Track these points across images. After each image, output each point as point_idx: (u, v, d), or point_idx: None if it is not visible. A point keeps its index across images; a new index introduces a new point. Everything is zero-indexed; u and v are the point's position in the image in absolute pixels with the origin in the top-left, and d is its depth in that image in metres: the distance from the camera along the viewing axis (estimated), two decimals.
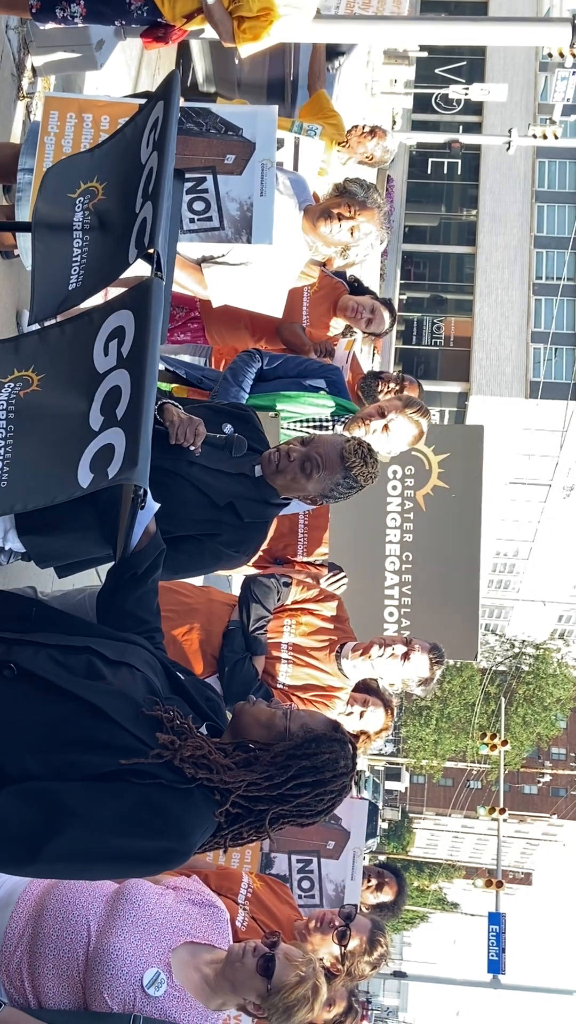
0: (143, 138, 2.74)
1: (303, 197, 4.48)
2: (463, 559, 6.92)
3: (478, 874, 46.45)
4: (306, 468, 3.46)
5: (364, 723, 4.42)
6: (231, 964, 2.59)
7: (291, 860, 4.24)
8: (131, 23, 4.57)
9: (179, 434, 3.14)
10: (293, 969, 2.58)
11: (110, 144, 2.87)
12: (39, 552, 2.89)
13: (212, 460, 3.31)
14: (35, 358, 2.40)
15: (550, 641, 46.78)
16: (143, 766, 2.22)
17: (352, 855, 4.27)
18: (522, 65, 41.46)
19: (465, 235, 43.59)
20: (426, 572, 6.84)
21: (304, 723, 2.43)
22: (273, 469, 3.47)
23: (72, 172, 2.85)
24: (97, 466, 2.20)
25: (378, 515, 6.79)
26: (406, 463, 6.74)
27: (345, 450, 3.53)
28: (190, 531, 3.25)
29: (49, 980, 2.50)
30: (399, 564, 6.78)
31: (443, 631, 6.71)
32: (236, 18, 4.42)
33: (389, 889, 4.64)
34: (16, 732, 2.21)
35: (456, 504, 6.88)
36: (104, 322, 2.37)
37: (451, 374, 40.72)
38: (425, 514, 6.83)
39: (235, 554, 3.43)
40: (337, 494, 3.59)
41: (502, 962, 22.50)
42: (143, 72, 7.26)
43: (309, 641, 4.25)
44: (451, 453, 6.84)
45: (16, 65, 5.19)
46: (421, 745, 44.91)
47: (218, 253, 4.10)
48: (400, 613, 6.79)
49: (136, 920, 2.57)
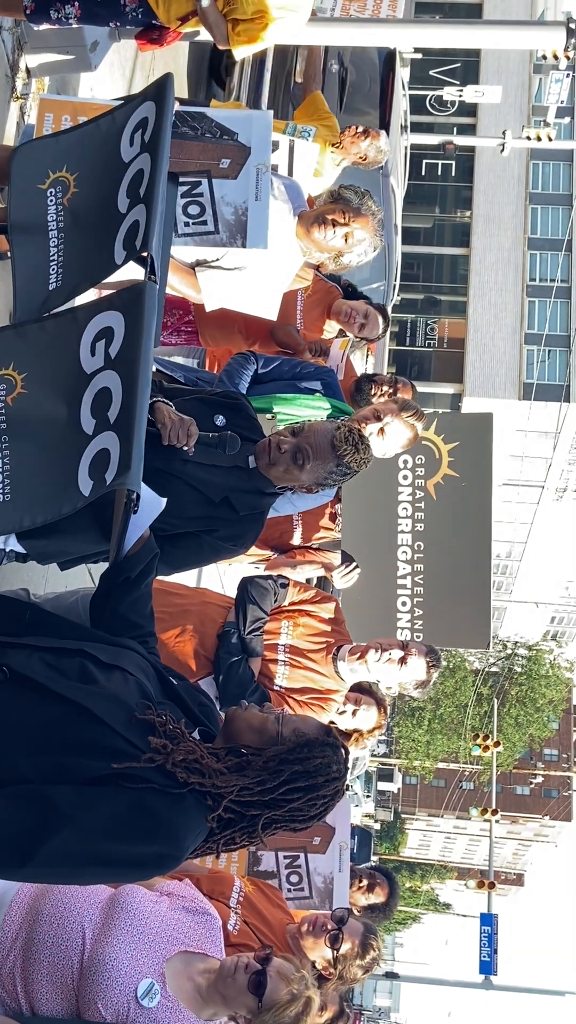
0: (124, 135, 2.70)
1: (298, 202, 4.48)
2: (474, 547, 6.92)
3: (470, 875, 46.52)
4: (298, 459, 3.45)
5: (357, 722, 4.46)
6: (223, 979, 2.58)
7: (278, 857, 4.25)
8: (126, 24, 4.57)
9: (171, 435, 3.14)
10: (285, 987, 2.56)
11: (79, 133, 2.80)
12: (40, 553, 2.90)
13: (206, 456, 3.30)
14: (14, 355, 2.36)
15: (542, 642, 46.83)
16: (135, 770, 2.21)
17: (338, 849, 4.28)
18: (516, 67, 41.51)
19: (459, 236, 43.61)
20: (438, 561, 6.83)
21: (296, 728, 2.43)
22: (266, 461, 3.47)
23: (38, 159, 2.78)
24: (95, 472, 2.19)
25: (389, 505, 6.79)
26: (416, 453, 6.74)
27: (336, 438, 3.52)
28: (187, 528, 3.25)
29: (43, 986, 2.49)
30: (411, 553, 6.78)
31: (455, 619, 6.73)
32: (230, 21, 4.42)
33: (380, 891, 4.65)
34: (8, 735, 2.21)
35: (467, 493, 6.88)
36: (90, 322, 2.35)
37: (444, 375, 40.74)
38: (436, 503, 6.83)
39: (233, 547, 3.44)
40: (331, 482, 3.58)
41: (494, 963, 22.55)
42: (137, 74, 7.25)
43: (306, 643, 4.26)
44: (460, 442, 6.85)
45: (10, 66, 5.18)
46: (413, 746, 44.91)
47: (212, 257, 4.10)
48: (413, 603, 6.79)
49: (131, 930, 2.56)
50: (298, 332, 5.16)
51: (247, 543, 3.51)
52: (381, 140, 5.81)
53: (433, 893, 61.36)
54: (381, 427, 4.49)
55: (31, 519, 2.26)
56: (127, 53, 6.82)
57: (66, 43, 5.05)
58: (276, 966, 2.59)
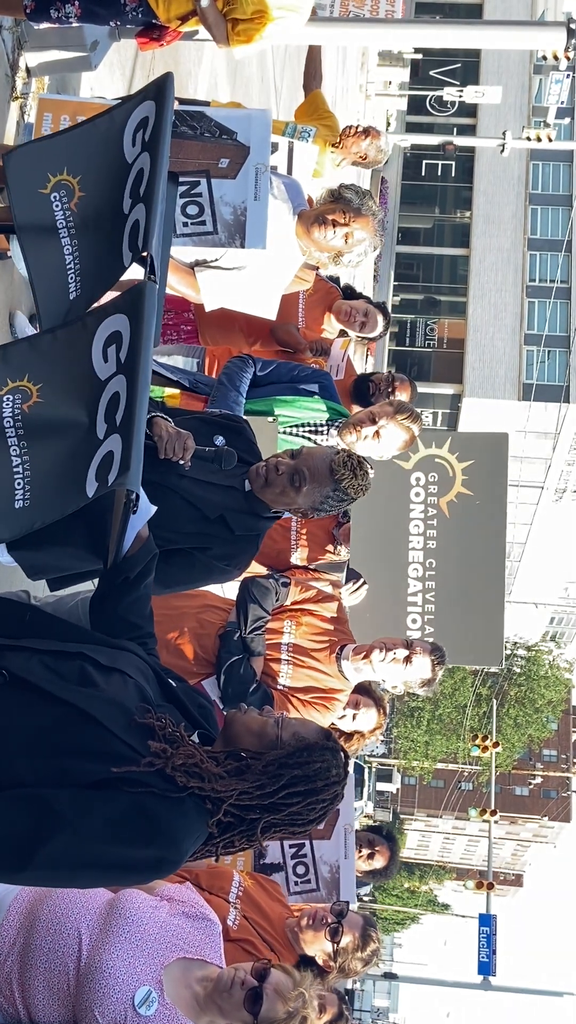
0: (126, 135, 2.68)
1: (298, 201, 4.47)
2: (488, 566, 6.92)
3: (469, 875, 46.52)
4: (295, 481, 3.43)
5: (357, 724, 4.47)
6: (219, 992, 2.56)
7: (283, 847, 4.24)
8: (126, 24, 4.56)
9: (167, 448, 3.13)
10: (282, 1005, 2.53)
11: (76, 134, 2.76)
12: (30, 566, 2.86)
13: (202, 472, 3.29)
14: (28, 367, 2.37)
15: (542, 643, 46.86)
16: (135, 774, 2.21)
17: (343, 832, 4.28)
18: (516, 68, 41.56)
19: (459, 237, 43.66)
20: (450, 579, 6.83)
21: (296, 732, 2.42)
22: (262, 483, 3.44)
23: (35, 163, 2.74)
24: (100, 474, 2.20)
25: (401, 522, 6.79)
26: (429, 470, 6.75)
27: (334, 463, 3.51)
28: (181, 544, 3.22)
29: (40, 993, 2.48)
30: (422, 571, 6.78)
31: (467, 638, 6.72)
32: (230, 20, 4.41)
33: (381, 856, 4.68)
34: (7, 738, 2.20)
35: (480, 511, 6.89)
36: (99, 327, 2.35)
37: (444, 376, 40.78)
38: (449, 521, 6.83)
39: (226, 567, 3.40)
40: (328, 507, 3.55)
41: (493, 963, 22.53)
42: (137, 73, 7.24)
43: (310, 642, 4.25)
44: (475, 460, 6.86)
45: (10, 65, 5.17)
46: (412, 746, 44.94)
47: (211, 257, 4.09)
48: (424, 620, 6.79)
49: (129, 936, 2.54)
50: (299, 331, 5.15)
51: (241, 564, 3.47)
52: (381, 140, 5.81)
53: (432, 894, 61.37)
54: (376, 430, 4.48)
55: (41, 520, 2.28)
56: (127, 52, 6.81)
57: (66, 42, 5.04)
58: (273, 982, 2.56)
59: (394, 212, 37.98)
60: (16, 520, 2.29)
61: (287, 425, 4.48)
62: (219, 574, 3.43)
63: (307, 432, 4.52)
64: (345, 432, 4.50)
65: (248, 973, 2.57)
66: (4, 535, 2.30)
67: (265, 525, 3.54)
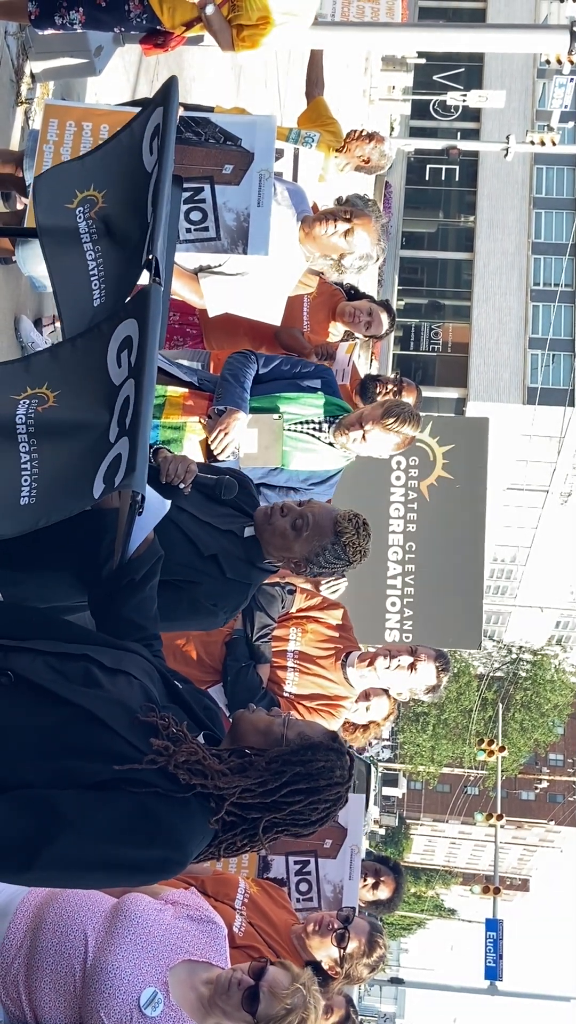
0: (144, 145, 2.73)
1: (301, 208, 4.48)
2: (467, 550, 6.92)
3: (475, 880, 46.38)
4: (297, 524, 3.42)
5: (371, 714, 4.56)
6: (219, 994, 2.57)
7: (288, 862, 4.24)
8: (130, 30, 4.58)
9: (170, 470, 3.13)
10: (279, 1001, 2.54)
11: (104, 151, 2.84)
12: (11, 593, 2.80)
13: (202, 511, 3.30)
14: (48, 375, 2.40)
15: (547, 647, 46.77)
16: (139, 774, 2.21)
17: (350, 853, 4.27)
18: (520, 72, 41.57)
19: (463, 241, 43.65)
20: (429, 562, 6.83)
21: (301, 731, 2.43)
22: (266, 520, 3.44)
23: (64, 181, 2.81)
24: (108, 476, 2.22)
25: (381, 505, 6.78)
26: (410, 454, 6.73)
27: (340, 516, 3.50)
28: (170, 575, 3.19)
29: (46, 995, 2.49)
30: (402, 554, 6.77)
31: (445, 620, 6.72)
32: (235, 26, 4.43)
33: (386, 887, 4.66)
34: (11, 739, 2.20)
35: (460, 495, 6.87)
36: (113, 333, 2.38)
37: (449, 380, 40.75)
38: (429, 504, 6.82)
39: (213, 608, 3.34)
40: (323, 560, 3.48)
41: (499, 969, 22.46)
42: (141, 78, 7.27)
43: (315, 649, 4.27)
44: (456, 444, 6.84)
45: (15, 71, 5.20)
46: (418, 751, 44.86)
47: (215, 263, 4.10)
48: (403, 603, 6.79)
49: (135, 938, 2.55)
50: (303, 335, 5.16)
51: (228, 609, 3.42)
52: (384, 145, 5.82)
53: (438, 899, 61.26)
54: (363, 434, 4.48)
55: (46, 518, 2.29)
56: (131, 58, 6.84)
57: (70, 48, 5.06)
58: (269, 980, 2.57)
59: (398, 216, 37.96)
60: (20, 517, 2.31)
61: (291, 422, 4.49)
62: (205, 615, 3.35)
63: (311, 429, 4.52)
64: (338, 433, 4.52)
65: (245, 973, 2.58)
66: (7, 531, 2.32)
67: (258, 575, 3.51)
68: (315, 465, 4.61)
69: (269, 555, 3.48)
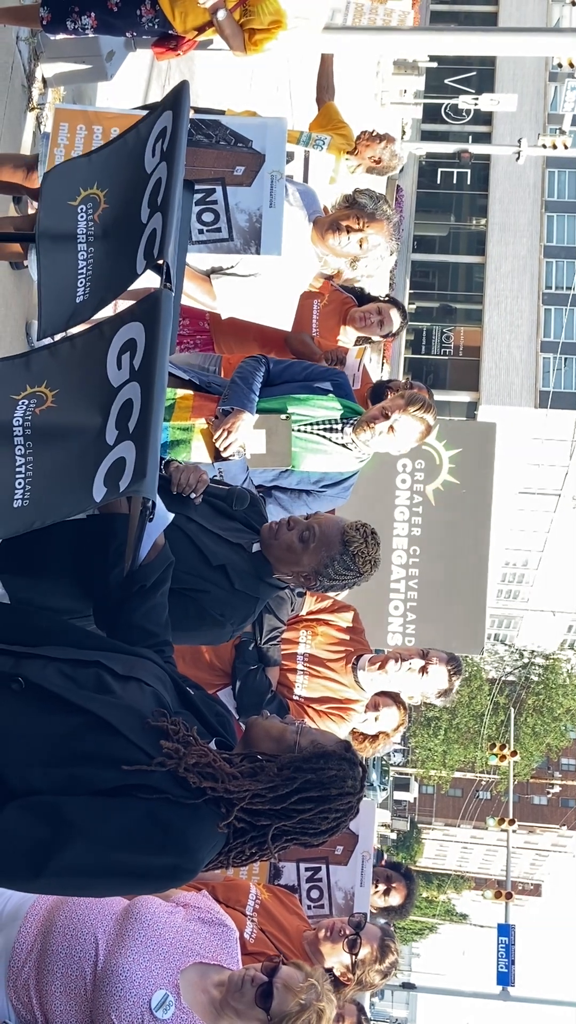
0: (147, 147, 2.73)
1: (313, 209, 4.48)
2: (471, 554, 6.90)
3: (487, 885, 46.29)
4: (304, 536, 3.40)
5: (380, 725, 4.49)
6: (232, 993, 2.55)
7: (299, 869, 4.22)
8: (142, 34, 4.59)
9: (181, 480, 3.12)
10: (292, 997, 2.51)
11: (109, 150, 2.84)
12: (17, 599, 2.78)
13: (212, 523, 3.28)
14: (47, 374, 2.40)
15: (559, 651, 46.62)
16: (149, 779, 2.20)
17: (361, 859, 4.26)
18: (532, 75, 41.49)
19: (474, 245, 43.61)
20: (433, 567, 6.81)
21: (314, 739, 2.42)
22: (272, 535, 3.42)
23: (71, 178, 2.82)
24: (110, 480, 2.20)
25: (386, 509, 6.76)
26: (416, 457, 6.70)
27: (347, 526, 3.48)
28: (178, 584, 3.19)
29: (57, 998, 2.48)
30: (406, 558, 6.75)
31: (448, 625, 6.69)
32: (247, 30, 4.43)
33: (397, 893, 4.65)
34: (22, 746, 2.20)
35: (466, 500, 6.85)
36: (115, 335, 2.37)
37: (460, 384, 40.69)
38: (434, 509, 6.81)
39: (220, 618, 3.30)
40: (332, 572, 3.46)
41: (512, 974, 22.37)
42: (153, 82, 7.27)
43: (325, 652, 4.25)
44: (463, 448, 6.81)
45: (27, 76, 5.20)
46: (430, 755, 44.76)
47: (227, 264, 4.10)
48: (405, 607, 6.77)
49: (146, 940, 2.54)
50: (313, 340, 5.15)
51: (235, 622, 3.38)
52: (396, 145, 5.82)
53: (450, 903, 61.09)
54: (390, 424, 4.42)
55: (41, 520, 2.28)
56: (143, 62, 6.84)
57: (82, 53, 5.07)
58: (283, 977, 2.55)
59: (409, 220, 37.93)
60: (13, 519, 2.30)
61: (301, 423, 4.44)
62: (212, 625, 3.31)
63: (322, 430, 4.47)
64: (359, 429, 4.43)
65: (258, 971, 2.56)
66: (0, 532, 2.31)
67: (266, 590, 3.49)
68: (326, 467, 4.56)
69: (278, 571, 3.45)
